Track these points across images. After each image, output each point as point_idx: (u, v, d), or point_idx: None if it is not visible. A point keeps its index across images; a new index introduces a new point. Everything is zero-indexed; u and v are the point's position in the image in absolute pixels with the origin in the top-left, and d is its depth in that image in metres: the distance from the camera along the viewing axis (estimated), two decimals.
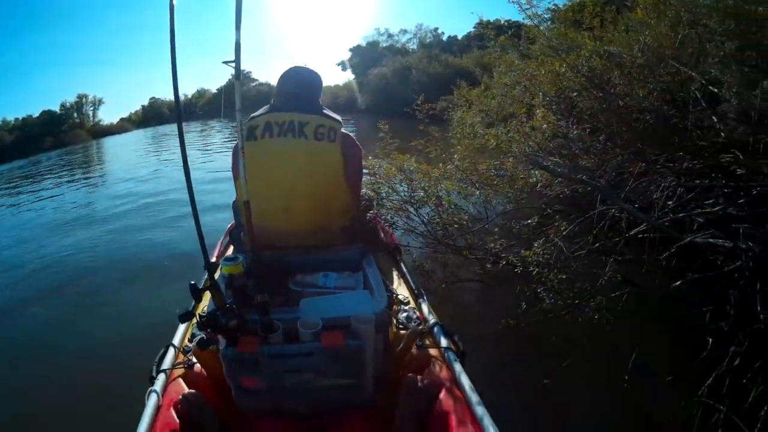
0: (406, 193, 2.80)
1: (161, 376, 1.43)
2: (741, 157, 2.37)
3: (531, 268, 2.23)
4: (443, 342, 1.48)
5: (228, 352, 1.25)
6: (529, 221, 2.80)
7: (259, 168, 1.58)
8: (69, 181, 12.36)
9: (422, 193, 2.75)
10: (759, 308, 2.11)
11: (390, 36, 35.58)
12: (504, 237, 2.75)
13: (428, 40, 34.08)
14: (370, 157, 2.91)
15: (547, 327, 2.48)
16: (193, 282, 1.28)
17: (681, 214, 2.44)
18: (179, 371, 1.49)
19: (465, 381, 1.32)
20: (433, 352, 1.49)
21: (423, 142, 3.08)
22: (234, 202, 2.09)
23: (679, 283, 2.43)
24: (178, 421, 1.30)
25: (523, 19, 3.58)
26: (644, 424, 2.12)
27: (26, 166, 19.48)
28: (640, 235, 2.58)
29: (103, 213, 7.13)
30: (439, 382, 1.36)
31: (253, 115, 1.71)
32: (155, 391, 1.36)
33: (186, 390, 1.40)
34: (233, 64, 1.30)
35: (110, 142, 25.11)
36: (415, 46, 33.66)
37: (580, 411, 2.20)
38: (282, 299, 1.46)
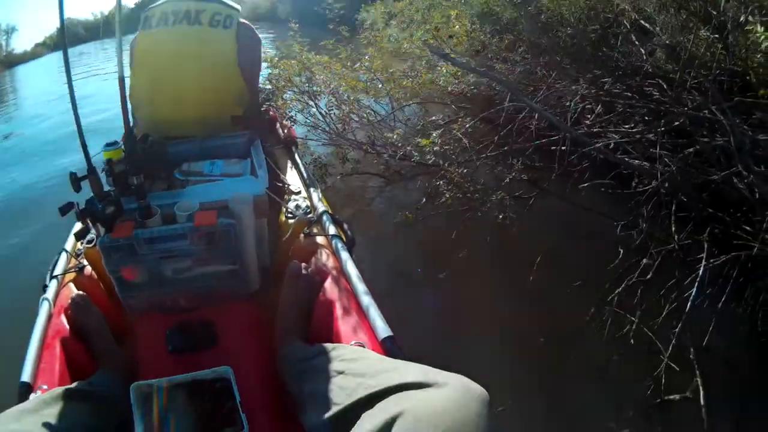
0: (304, 86, 2.70)
1: (53, 283, 1.41)
2: (665, 87, 2.39)
3: (428, 158, 2.21)
4: (332, 230, 1.46)
5: (104, 240, 1.19)
6: (434, 117, 2.76)
7: (151, 58, 1.59)
8: None
9: (319, 87, 2.67)
10: (674, 229, 2.21)
11: None
12: (409, 134, 2.71)
13: None
14: (268, 50, 2.78)
15: (449, 224, 2.50)
16: (74, 171, 1.20)
17: (596, 129, 2.47)
18: (71, 276, 1.46)
19: (352, 269, 1.30)
20: (321, 241, 1.47)
21: (332, 42, 2.94)
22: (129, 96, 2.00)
23: (586, 187, 2.49)
24: (68, 326, 1.28)
25: None
26: (549, 324, 2.16)
27: None
28: (553, 147, 2.58)
29: None
30: (325, 270, 1.34)
31: (150, 6, 1.64)
32: (47, 298, 1.33)
33: (75, 293, 1.37)
34: None
35: (22, 71, 22.90)
36: None
37: (476, 304, 2.26)
38: (164, 187, 1.40)
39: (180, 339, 1.24)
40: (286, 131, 2.17)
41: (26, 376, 1.09)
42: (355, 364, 0.92)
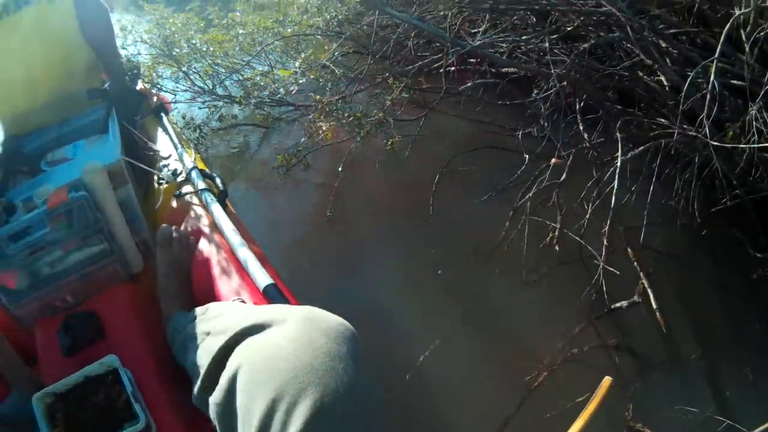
0: (164, 50, 2.56)
1: None
2: None
3: (294, 89, 2.13)
4: (201, 185, 1.36)
5: None
6: (303, 54, 2.60)
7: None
8: None
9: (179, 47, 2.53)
10: (582, 128, 2.20)
11: None
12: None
13: None
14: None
15: (334, 160, 2.46)
16: None
17: (487, 38, 2.40)
18: None
19: (225, 222, 1.21)
20: (192, 200, 1.37)
21: (199, 4, 2.79)
22: None
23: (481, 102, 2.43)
24: None
25: None
26: (464, 245, 2.12)
27: None
28: (437, 66, 2.50)
29: None
30: (199, 228, 1.25)
31: None
32: None
33: None
34: None
35: None
36: None
37: (378, 238, 2.23)
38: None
39: (67, 338, 1.14)
40: (155, 99, 2.06)
41: None
42: (218, 321, 0.81)
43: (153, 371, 1.06)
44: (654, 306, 1.74)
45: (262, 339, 0.63)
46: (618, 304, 1.78)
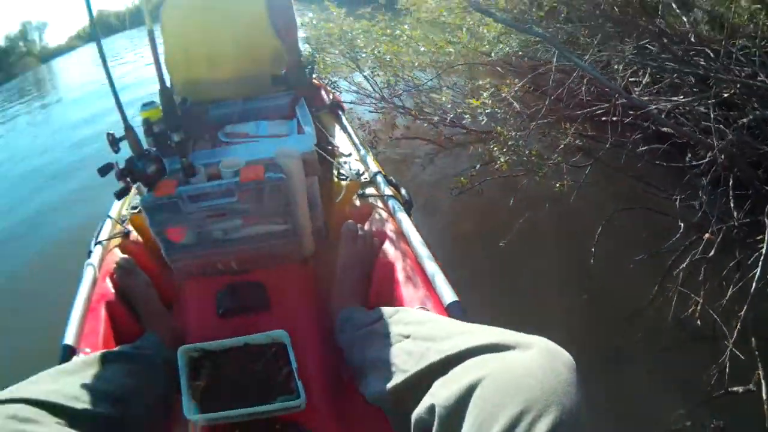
0: (347, 53, 2.64)
1: (98, 248, 1.38)
2: (712, 56, 2.27)
3: (481, 121, 2.14)
4: (387, 191, 1.39)
5: (147, 199, 1.14)
6: (481, 82, 2.63)
7: (180, 20, 1.55)
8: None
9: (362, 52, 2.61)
10: (732, 205, 2.10)
11: None
12: (458, 99, 2.63)
13: None
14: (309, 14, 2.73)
15: (502, 191, 2.44)
16: (110, 131, 1.15)
17: (645, 98, 2.35)
18: (116, 241, 1.43)
19: (412, 232, 1.23)
20: (376, 202, 1.40)
21: (369, 10, 2.87)
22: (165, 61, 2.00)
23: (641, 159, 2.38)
24: (113, 291, 1.25)
25: None
26: (611, 301, 2.07)
27: None
28: (603, 117, 2.48)
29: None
30: (383, 232, 1.27)
31: None
32: (91, 263, 1.30)
33: (120, 257, 1.34)
34: None
35: (59, 64, 23.73)
36: None
37: (534, 272, 2.18)
38: (208, 147, 1.36)
39: (231, 301, 1.20)
40: (331, 96, 2.12)
41: (69, 339, 1.07)
42: (423, 327, 0.84)
43: (311, 352, 1.10)
44: (764, 398, 1.63)
45: (507, 359, 0.65)
46: (735, 388, 1.71)
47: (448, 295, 1.02)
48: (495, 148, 2.16)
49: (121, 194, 1.15)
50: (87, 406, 0.79)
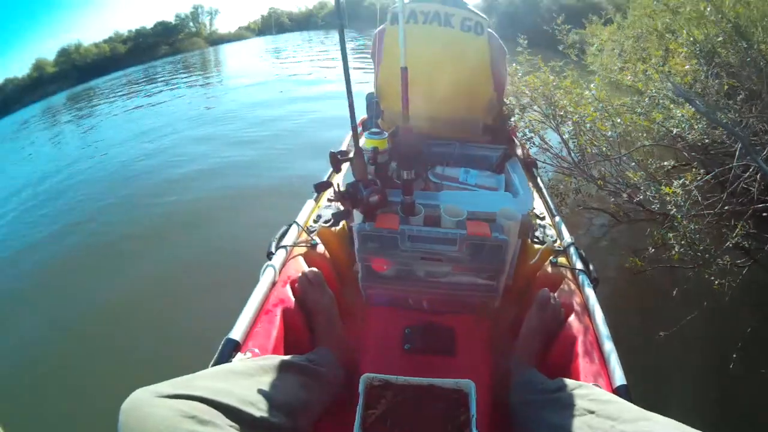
0: (547, 109, 2.64)
1: (280, 252, 1.40)
2: None
3: (669, 208, 2.04)
4: (578, 265, 1.38)
5: (364, 227, 1.20)
6: (666, 163, 2.57)
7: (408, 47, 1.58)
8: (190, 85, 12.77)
9: (564, 113, 2.58)
10: None
11: None
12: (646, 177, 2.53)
13: None
14: (515, 65, 2.76)
15: (669, 277, 2.35)
16: (333, 150, 1.23)
17: None
18: (300, 250, 1.45)
19: (597, 310, 1.22)
20: (566, 273, 1.39)
21: (560, 63, 2.85)
22: (368, 94, 2.06)
23: None
24: (292, 297, 1.28)
25: None
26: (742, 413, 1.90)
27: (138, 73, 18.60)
28: (764, 213, 2.31)
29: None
30: (569, 304, 1.27)
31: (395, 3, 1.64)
32: (272, 265, 1.33)
33: (306, 269, 1.37)
34: None
35: (226, 49, 25.82)
36: None
37: (689, 373, 2.04)
38: (420, 186, 1.42)
39: (421, 340, 1.23)
40: (525, 151, 2.13)
41: (236, 335, 1.10)
42: (608, 407, 0.85)
43: (486, 404, 1.11)
44: None
45: None
46: None
47: (620, 377, 1.03)
48: (671, 237, 2.06)
49: (320, 187, 1.24)
50: (263, 414, 0.81)
